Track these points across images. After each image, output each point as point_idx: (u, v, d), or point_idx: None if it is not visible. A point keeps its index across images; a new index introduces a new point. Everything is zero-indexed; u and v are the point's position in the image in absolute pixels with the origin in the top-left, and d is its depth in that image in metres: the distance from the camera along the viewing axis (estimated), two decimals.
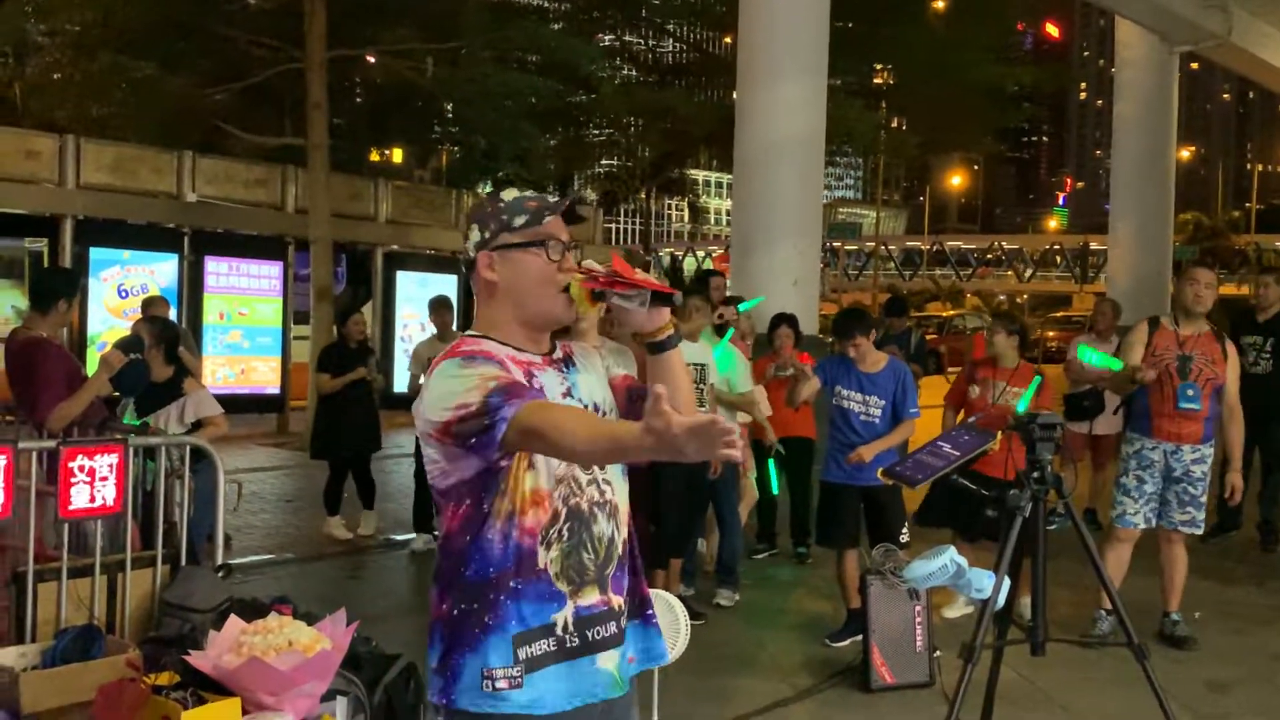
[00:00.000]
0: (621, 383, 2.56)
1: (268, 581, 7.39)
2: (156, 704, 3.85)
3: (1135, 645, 3.96)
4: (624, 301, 2.32)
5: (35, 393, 5.63)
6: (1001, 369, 6.87)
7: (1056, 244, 69.55)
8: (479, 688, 2.30)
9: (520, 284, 2.39)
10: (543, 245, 2.39)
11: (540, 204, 2.42)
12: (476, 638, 2.31)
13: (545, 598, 2.33)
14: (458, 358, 2.32)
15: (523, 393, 2.24)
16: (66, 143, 15.14)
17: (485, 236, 2.42)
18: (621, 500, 2.47)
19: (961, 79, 21.91)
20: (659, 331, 2.37)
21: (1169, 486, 6.38)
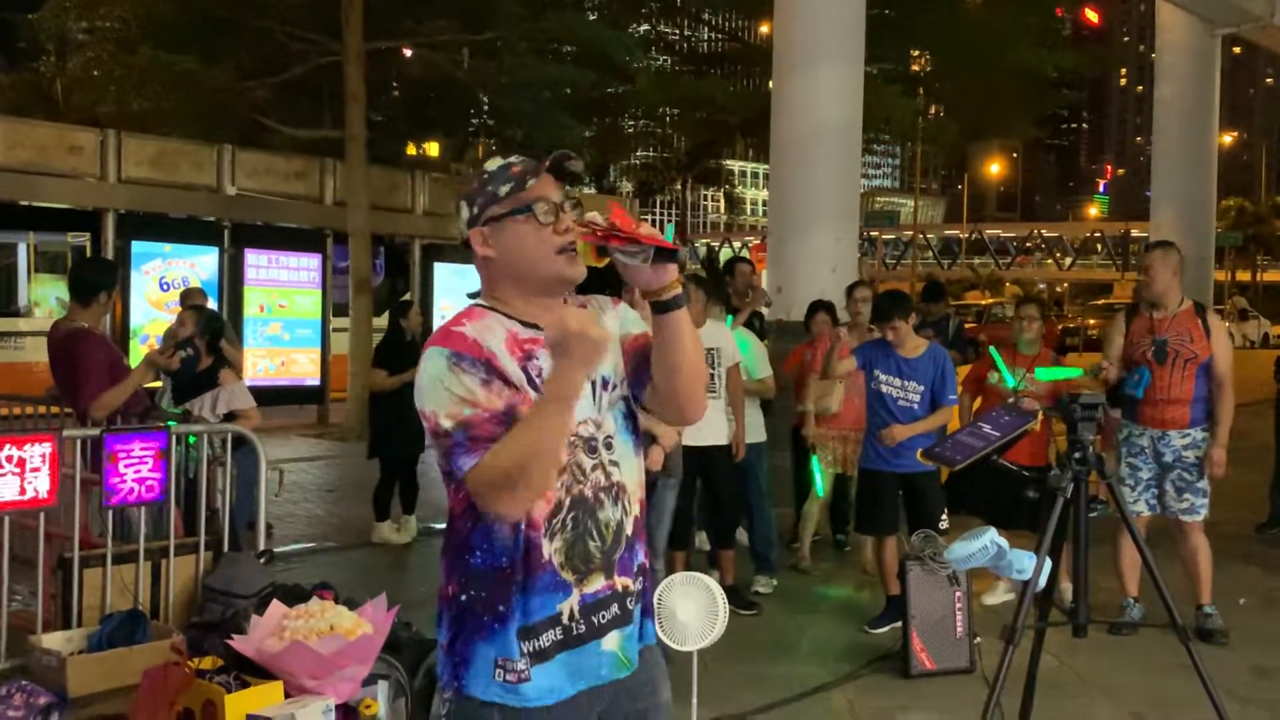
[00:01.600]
0: (638, 339, 2.44)
1: (309, 569, 7.44)
2: (200, 687, 3.90)
3: (1179, 627, 3.92)
4: (625, 257, 2.20)
5: (78, 382, 5.70)
6: (1022, 355, 6.82)
7: (1097, 231, 68.96)
8: (490, 676, 2.29)
9: (516, 253, 2.33)
10: (529, 210, 2.30)
11: (524, 168, 2.34)
12: (486, 625, 2.29)
13: (550, 589, 2.28)
14: (448, 351, 2.24)
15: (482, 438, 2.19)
16: (108, 137, 15.32)
17: (475, 212, 2.35)
18: (629, 479, 2.39)
19: (1000, 64, 21.68)
20: (663, 290, 2.24)
21: (1165, 474, 6.31)
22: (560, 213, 2.32)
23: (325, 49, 16.19)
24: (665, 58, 30.47)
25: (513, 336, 2.31)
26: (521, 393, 2.26)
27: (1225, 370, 6.22)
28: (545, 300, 2.37)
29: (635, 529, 2.40)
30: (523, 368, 2.29)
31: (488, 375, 2.23)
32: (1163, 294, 6.33)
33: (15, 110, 26.36)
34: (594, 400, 2.35)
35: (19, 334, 14.58)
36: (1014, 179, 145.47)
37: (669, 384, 2.36)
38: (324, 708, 3.88)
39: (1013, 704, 4.26)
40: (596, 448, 2.34)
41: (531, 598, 2.27)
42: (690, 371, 2.35)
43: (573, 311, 2.18)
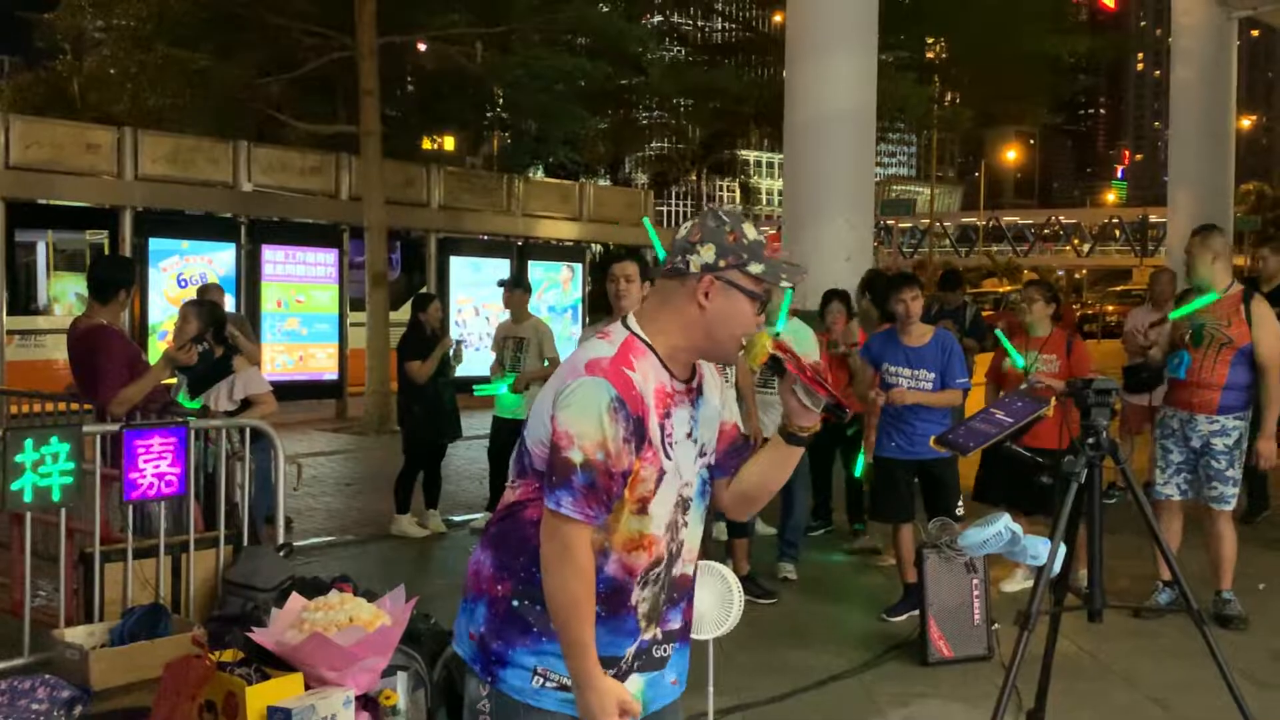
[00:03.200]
0: (731, 430, 2.58)
1: (328, 562, 7.48)
2: (221, 680, 3.93)
3: (1195, 611, 3.92)
4: (804, 396, 2.38)
5: (97, 379, 5.74)
6: (1034, 338, 6.80)
7: (1115, 217, 68.54)
8: (528, 682, 2.38)
9: (725, 322, 2.39)
10: (760, 300, 2.41)
11: (776, 261, 2.40)
12: (536, 638, 2.37)
13: (625, 633, 2.40)
14: (616, 394, 2.29)
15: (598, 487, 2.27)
16: (125, 135, 15.37)
17: (718, 264, 2.37)
18: (691, 540, 2.51)
19: (1015, 50, 21.60)
20: (808, 430, 2.45)
21: (1198, 459, 6.29)
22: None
23: (339, 44, 16.24)
24: (678, 48, 30.45)
25: (660, 390, 2.39)
26: (654, 451, 2.36)
27: (1268, 357, 6.12)
28: (693, 359, 2.47)
29: (682, 586, 2.52)
30: (661, 424, 2.38)
31: (630, 435, 2.31)
32: (1204, 279, 6.29)
33: (33, 109, 26.52)
34: (694, 463, 2.48)
35: (39, 331, 14.66)
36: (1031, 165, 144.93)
37: (758, 490, 2.59)
38: (344, 699, 3.91)
39: (1030, 690, 4.26)
40: (688, 506, 2.48)
41: (604, 632, 2.36)
42: (774, 489, 2.60)
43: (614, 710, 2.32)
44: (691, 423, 2.44)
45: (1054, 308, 6.97)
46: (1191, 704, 5.08)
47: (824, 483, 8.78)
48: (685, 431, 2.43)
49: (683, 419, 2.42)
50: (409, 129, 23.72)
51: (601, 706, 2.29)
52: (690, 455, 2.44)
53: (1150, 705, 5.19)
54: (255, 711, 3.83)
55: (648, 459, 2.34)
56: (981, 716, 4.09)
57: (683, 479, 2.43)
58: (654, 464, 2.35)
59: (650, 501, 2.37)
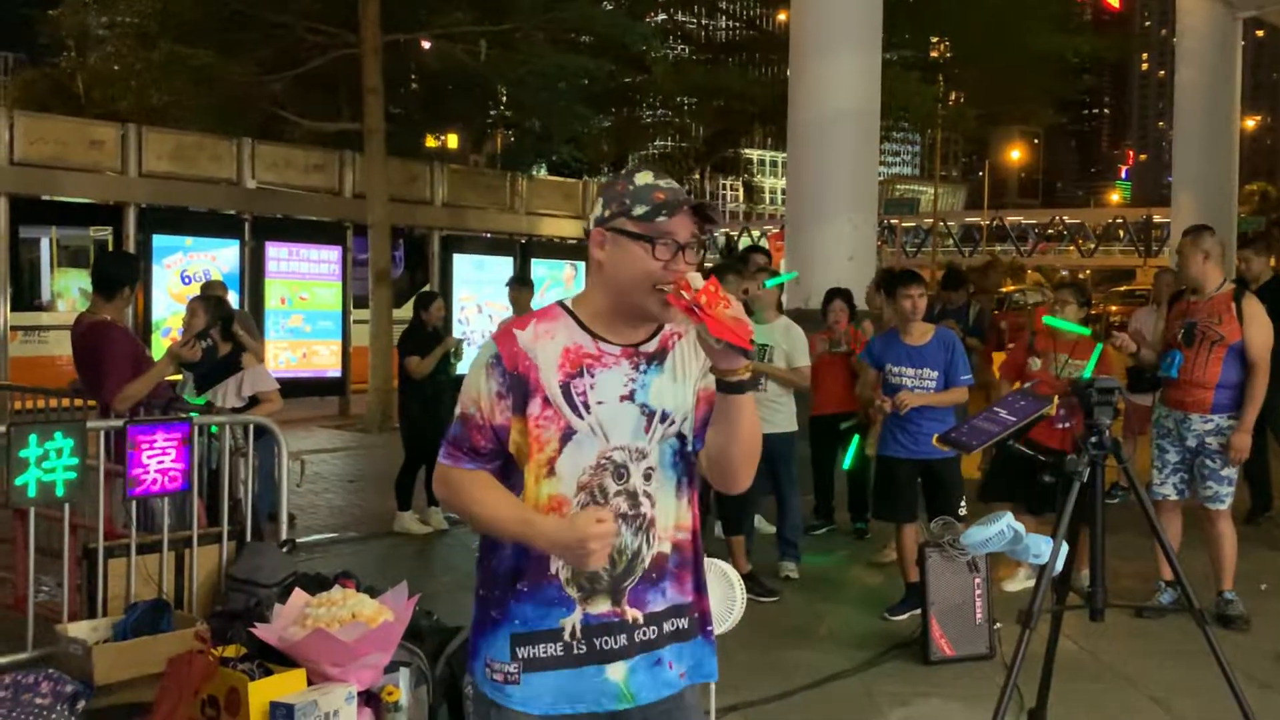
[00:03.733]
0: (707, 397, 2.44)
1: (331, 559, 7.48)
2: (224, 675, 3.94)
3: (1197, 611, 3.92)
4: (702, 333, 2.22)
5: (101, 375, 5.74)
6: (1063, 341, 6.78)
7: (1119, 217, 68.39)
8: (484, 675, 2.40)
9: (620, 272, 2.33)
10: (651, 241, 2.31)
11: (666, 197, 2.32)
12: (486, 627, 2.41)
13: (553, 602, 2.34)
14: (495, 350, 2.37)
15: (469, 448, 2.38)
16: (128, 132, 15.39)
17: (604, 214, 2.36)
18: (664, 514, 2.40)
19: (1020, 50, 21.56)
20: (728, 373, 2.26)
21: (1193, 459, 6.29)
22: (680, 252, 2.32)
23: (342, 42, 16.23)
24: (682, 47, 30.40)
25: (573, 349, 2.34)
26: (553, 409, 2.31)
27: (1258, 354, 6.13)
28: (630, 321, 2.39)
29: (658, 564, 2.40)
30: (565, 384, 2.32)
31: (506, 390, 2.32)
32: (1195, 278, 6.31)
33: (37, 105, 26.55)
34: (646, 430, 2.37)
35: (42, 328, 14.68)
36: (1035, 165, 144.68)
37: (719, 453, 2.40)
38: (346, 695, 3.92)
39: (1031, 689, 4.26)
40: (626, 474, 2.36)
41: (530, 606, 2.35)
42: (742, 447, 2.38)
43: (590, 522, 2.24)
44: (632, 385, 2.35)
45: (1086, 310, 6.92)
46: (1193, 704, 5.08)
47: (826, 482, 8.78)
48: (619, 394, 2.34)
49: (613, 380, 2.34)
50: (413, 127, 23.68)
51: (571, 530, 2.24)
52: (628, 418, 2.35)
53: (1151, 705, 5.19)
54: (258, 707, 3.83)
55: (545, 417, 2.31)
56: (983, 715, 4.09)
57: (611, 442, 2.34)
58: (555, 423, 2.31)
59: (555, 461, 2.32)
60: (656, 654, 2.41)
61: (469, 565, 7.92)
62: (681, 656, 2.45)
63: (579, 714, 2.38)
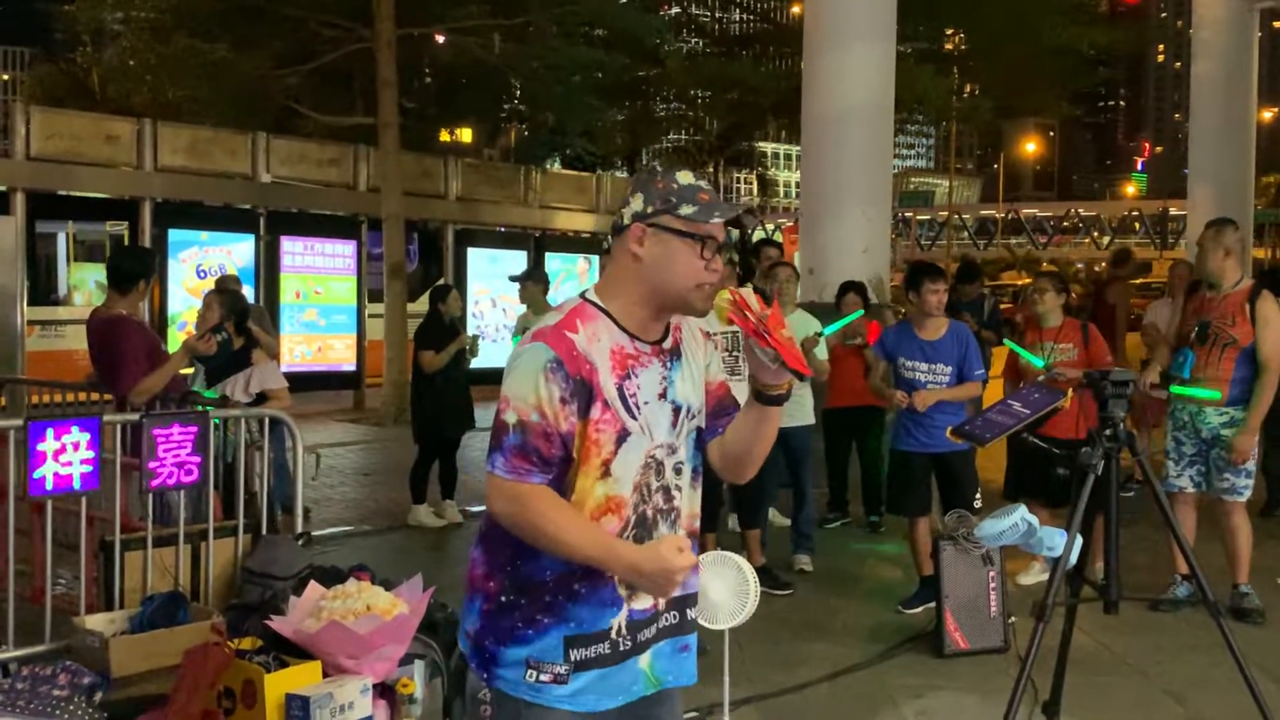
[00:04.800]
0: (717, 389, 2.53)
1: (347, 552, 7.51)
2: (240, 667, 3.96)
3: (1212, 604, 3.91)
4: (759, 353, 2.29)
5: (117, 369, 5.77)
6: (1047, 329, 6.78)
7: (1135, 210, 68.24)
8: (521, 678, 2.37)
9: (665, 268, 2.35)
10: (700, 241, 2.34)
11: (711, 201, 2.36)
12: (523, 632, 2.37)
13: (606, 603, 2.38)
14: (553, 355, 2.30)
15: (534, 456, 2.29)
16: (144, 127, 15.44)
17: (647, 210, 2.36)
18: (686, 507, 2.47)
19: (1035, 42, 21.49)
20: (774, 388, 2.35)
21: (1209, 450, 6.27)
22: (718, 253, 2.38)
23: (357, 36, 16.26)
24: (696, 40, 30.39)
25: (618, 351, 2.36)
26: (611, 412, 2.33)
27: (1268, 357, 6.08)
28: (660, 317, 2.42)
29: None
30: (619, 385, 2.35)
31: (570, 395, 2.29)
32: (1214, 273, 6.27)
33: (53, 100, 26.65)
34: (674, 426, 2.43)
35: (59, 322, 14.74)
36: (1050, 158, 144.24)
37: (742, 452, 2.50)
38: (361, 687, 3.93)
39: (1045, 682, 4.26)
40: (664, 471, 2.42)
41: (586, 608, 2.36)
42: (762, 449, 2.49)
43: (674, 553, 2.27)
44: (665, 383, 2.40)
45: (1065, 298, 6.97)
46: (1208, 698, 5.07)
47: (840, 475, 8.78)
48: (657, 392, 2.39)
49: (652, 380, 2.38)
50: (426, 121, 23.72)
51: (656, 560, 2.26)
52: (665, 416, 2.40)
53: (1166, 699, 5.18)
54: (273, 699, 3.85)
55: (605, 420, 2.32)
56: (997, 709, 4.09)
57: (654, 440, 2.39)
58: (612, 426, 2.33)
59: (611, 463, 2.34)
60: (681, 640, 2.49)
61: None
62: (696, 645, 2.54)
63: (618, 706, 2.43)
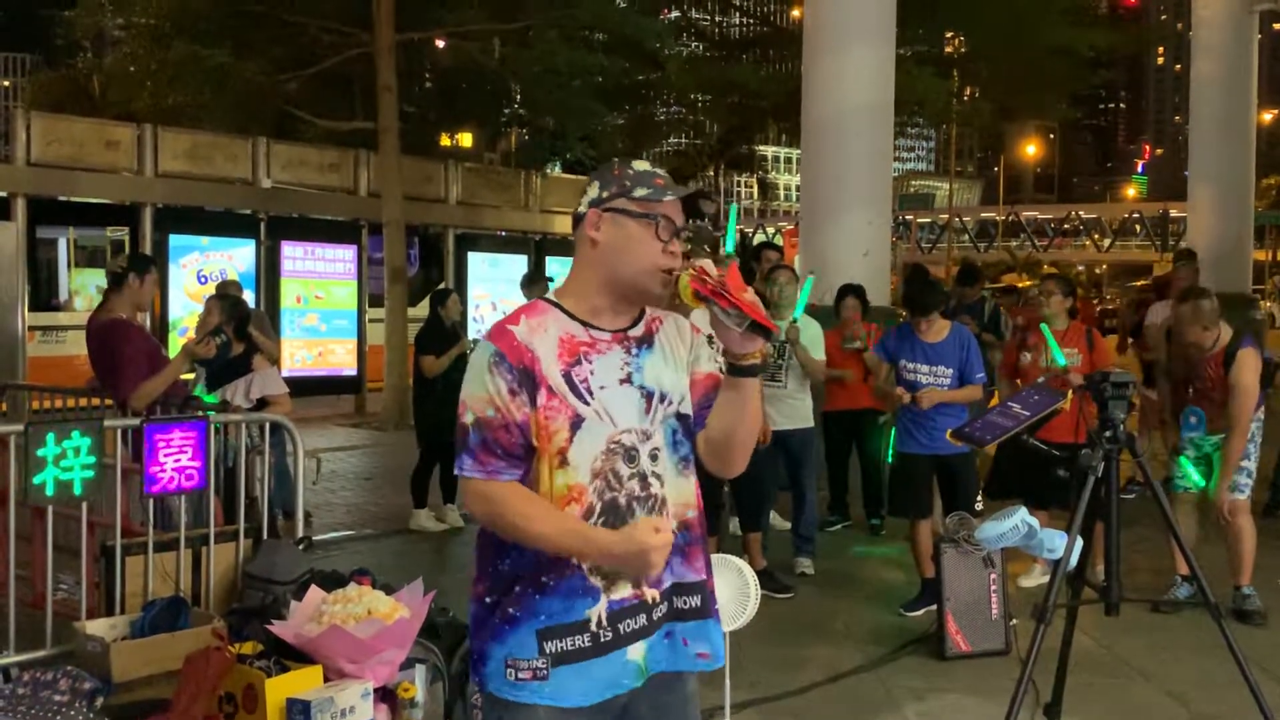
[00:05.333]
0: (705, 380, 2.48)
1: (348, 556, 7.50)
2: (241, 672, 3.95)
3: (1213, 606, 3.90)
4: (723, 317, 2.25)
5: (117, 373, 5.77)
6: (1053, 331, 6.78)
7: (1135, 212, 68.19)
8: (502, 675, 2.37)
9: (621, 251, 2.37)
10: (655, 220, 2.36)
11: (666, 183, 2.40)
12: (500, 628, 2.37)
13: (579, 593, 2.34)
14: (494, 349, 2.34)
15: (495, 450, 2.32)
16: (144, 132, 15.44)
17: (602, 195, 2.40)
18: (672, 493, 2.42)
19: (1035, 44, 21.46)
20: (745, 356, 2.31)
21: (1213, 451, 6.32)
22: (676, 237, 2.38)
23: (357, 41, 16.27)
24: (696, 43, 30.37)
25: (568, 339, 2.37)
26: (558, 398, 2.32)
27: (1237, 414, 6.15)
28: (621, 306, 2.42)
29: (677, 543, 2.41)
30: (566, 372, 2.34)
31: (518, 385, 2.31)
32: (1195, 345, 6.38)
33: (53, 106, 26.63)
34: (647, 412, 2.40)
35: (60, 328, 14.74)
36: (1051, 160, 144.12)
37: (724, 436, 2.43)
38: (362, 691, 3.93)
39: (1047, 684, 4.25)
40: (636, 457, 2.38)
41: (556, 600, 2.34)
42: (745, 430, 2.42)
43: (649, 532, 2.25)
44: (628, 368, 2.39)
45: (1071, 301, 6.97)
46: (1209, 699, 5.07)
47: (840, 477, 8.78)
48: (618, 377, 2.38)
49: (610, 365, 2.37)
50: (427, 125, 23.72)
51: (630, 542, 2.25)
52: (631, 402, 2.38)
53: (1168, 700, 5.18)
54: (274, 703, 3.84)
55: (552, 407, 2.32)
56: (998, 710, 4.08)
57: (618, 426, 2.36)
58: (562, 412, 2.32)
59: (568, 451, 2.33)
60: (669, 627, 2.43)
61: None
62: (698, 635, 2.47)
63: (605, 700, 2.39)
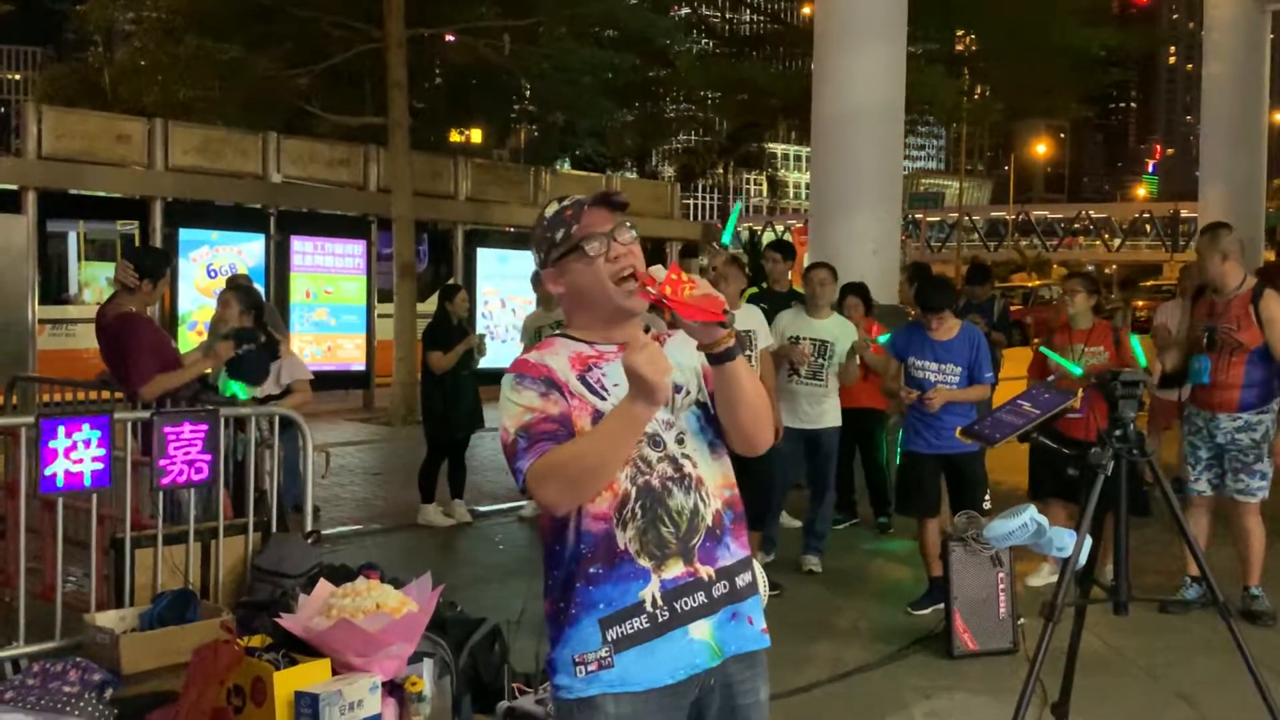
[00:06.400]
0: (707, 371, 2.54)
1: (356, 551, 7.52)
2: (249, 665, 3.95)
3: (1222, 606, 3.90)
4: (676, 319, 2.31)
5: (127, 366, 5.78)
6: (1078, 331, 6.76)
7: (1146, 212, 67.97)
8: (572, 674, 2.40)
9: (582, 290, 2.49)
10: (579, 249, 2.47)
11: (573, 209, 2.50)
12: (565, 631, 2.42)
13: (629, 577, 2.38)
14: (514, 375, 2.45)
15: (543, 436, 2.35)
16: (155, 126, 15.45)
17: (542, 257, 2.55)
18: (708, 474, 2.49)
19: (1046, 43, 21.43)
20: (713, 346, 2.36)
21: (1223, 454, 6.28)
22: (612, 240, 2.47)
23: (367, 36, 16.28)
24: (706, 40, 30.32)
25: (577, 355, 2.48)
26: (578, 399, 2.42)
27: (1277, 347, 6.08)
28: (616, 328, 2.52)
29: (718, 521, 2.48)
30: (581, 376, 2.45)
31: (546, 389, 2.41)
32: (1214, 278, 6.28)
33: (64, 100, 26.68)
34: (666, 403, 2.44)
35: (70, 321, 14.76)
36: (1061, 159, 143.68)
37: (730, 419, 2.50)
38: (370, 685, 3.92)
39: (1054, 683, 4.25)
40: (661, 442, 2.45)
41: (608, 587, 2.38)
42: (749, 410, 2.47)
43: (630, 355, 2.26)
44: None
45: (1096, 299, 6.95)
46: (1218, 700, 5.05)
47: (846, 475, 8.76)
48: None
49: (618, 368, 2.39)
50: (437, 121, 23.76)
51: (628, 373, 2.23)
52: None
53: (1176, 701, 5.17)
54: (282, 696, 3.84)
55: (576, 406, 2.42)
56: (1005, 710, 4.08)
57: None
58: (585, 409, 2.42)
59: None
60: (734, 608, 2.47)
61: (492, 558, 7.93)
62: (756, 610, 2.54)
63: (677, 681, 2.41)
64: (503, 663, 4.59)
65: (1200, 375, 6.25)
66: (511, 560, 7.79)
